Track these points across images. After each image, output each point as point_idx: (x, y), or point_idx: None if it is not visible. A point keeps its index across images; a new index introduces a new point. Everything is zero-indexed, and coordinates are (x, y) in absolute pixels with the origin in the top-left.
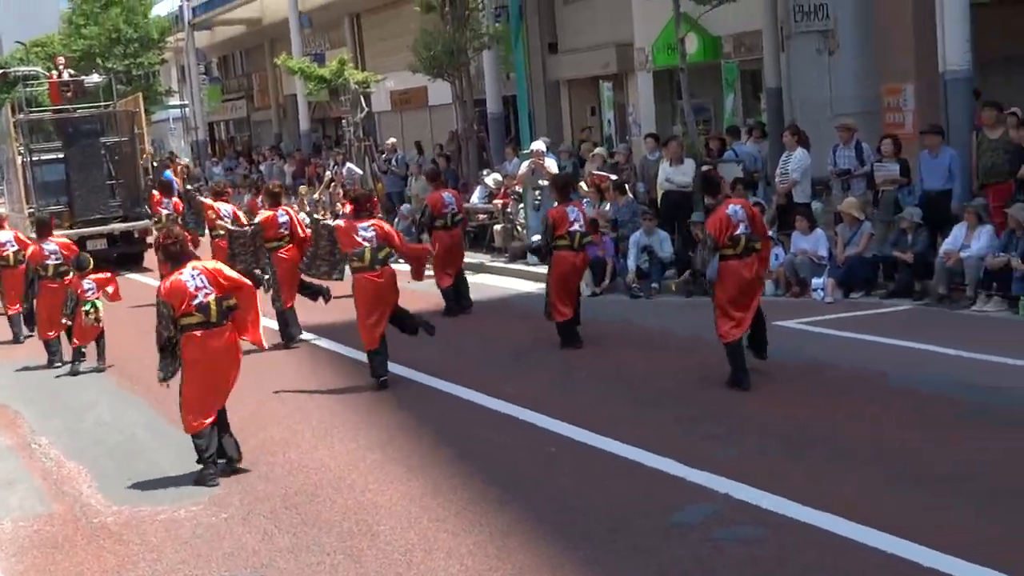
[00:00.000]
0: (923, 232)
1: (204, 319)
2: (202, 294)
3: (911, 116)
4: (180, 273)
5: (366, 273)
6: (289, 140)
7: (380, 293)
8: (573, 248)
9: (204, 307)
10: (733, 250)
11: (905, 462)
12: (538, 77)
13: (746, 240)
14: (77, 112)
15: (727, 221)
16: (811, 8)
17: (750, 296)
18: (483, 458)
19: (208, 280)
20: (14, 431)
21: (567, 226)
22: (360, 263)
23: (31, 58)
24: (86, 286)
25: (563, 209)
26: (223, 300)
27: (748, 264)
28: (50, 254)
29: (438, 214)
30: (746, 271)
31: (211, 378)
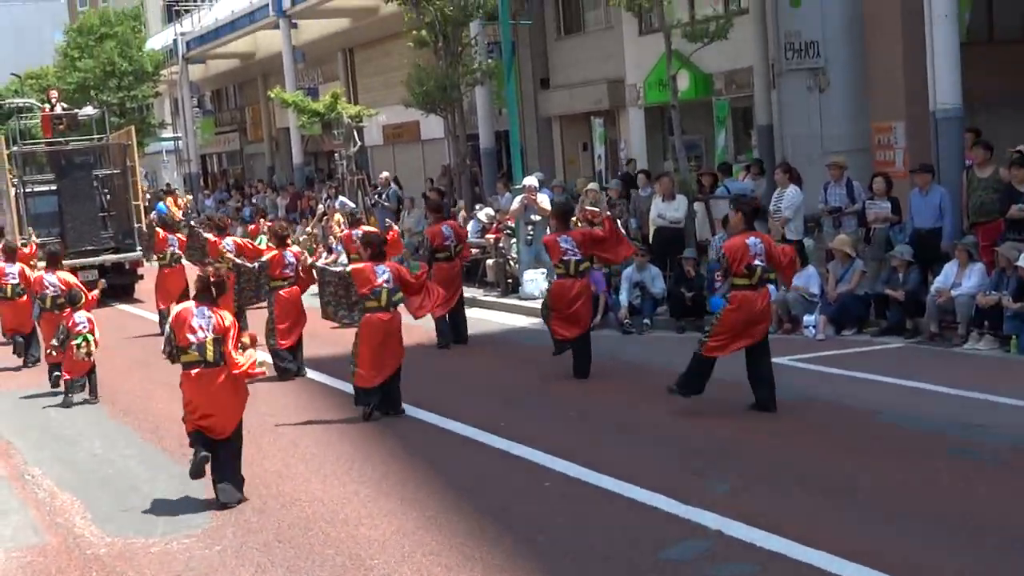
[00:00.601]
0: (914, 270)
1: (200, 358)
2: (200, 334)
3: (901, 154)
4: (196, 306)
5: (378, 314)
6: (282, 173)
7: (389, 333)
8: (571, 275)
9: (200, 347)
10: (748, 280)
11: (896, 499)
12: (530, 112)
13: (761, 271)
14: (70, 145)
15: (745, 250)
16: (802, 46)
17: (755, 326)
18: (477, 493)
19: (214, 325)
20: (7, 461)
21: (561, 255)
22: (376, 303)
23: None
24: (78, 320)
25: (554, 238)
26: (220, 342)
27: (761, 296)
28: (49, 285)
29: (439, 247)
30: (759, 301)
31: (204, 416)
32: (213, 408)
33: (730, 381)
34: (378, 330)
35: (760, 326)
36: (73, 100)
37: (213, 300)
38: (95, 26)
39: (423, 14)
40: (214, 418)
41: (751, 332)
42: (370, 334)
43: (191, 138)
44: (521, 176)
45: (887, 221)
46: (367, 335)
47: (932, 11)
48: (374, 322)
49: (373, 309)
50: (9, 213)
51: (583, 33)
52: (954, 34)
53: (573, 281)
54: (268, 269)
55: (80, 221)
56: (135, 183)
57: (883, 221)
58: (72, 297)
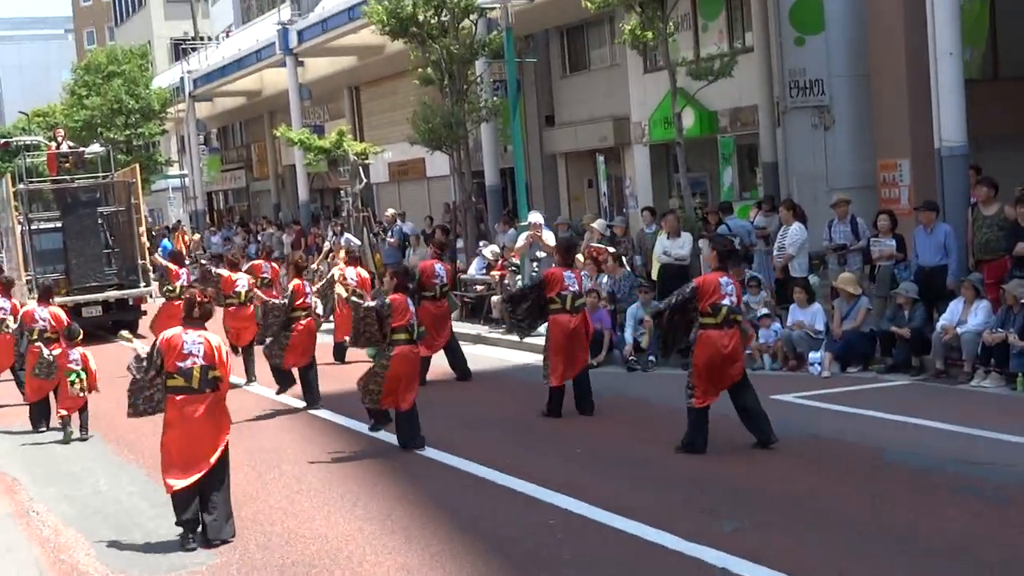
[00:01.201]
0: (920, 307)
1: (186, 384)
2: (190, 360)
3: (907, 191)
4: (185, 332)
5: (411, 347)
6: (288, 210)
7: (414, 368)
8: (567, 310)
9: (187, 372)
10: (713, 319)
11: (901, 537)
12: (535, 150)
13: (727, 311)
14: (75, 182)
15: (717, 287)
16: (807, 84)
17: (729, 366)
18: (482, 530)
19: (204, 350)
20: (12, 498)
21: (559, 288)
22: (407, 336)
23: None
24: (72, 356)
25: (559, 272)
26: (208, 369)
27: (728, 335)
28: (40, 319)
29: (427, 283)
30: (725, 341)
31: (187, 443)
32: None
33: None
34: (413, 361)
35: (735, 366)
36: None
37: (202, 324)
38: (103, 64)
39: (429, 52)
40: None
41: (727, 373)
42: (406, 366)
43: (197, 175)
44: (526, 213)
45: (892, 258)
46: (403, 367)
47: (937, 48)
48: (409, 354)
49: (406, 342)
50: (15, 249)
51: (588, 71)
52: (959, 71)
53: (570, 317)
54: (294, 300)
55: (84, 258)
56: (139, 220)
57: (888, 258)
58: (70, 332)
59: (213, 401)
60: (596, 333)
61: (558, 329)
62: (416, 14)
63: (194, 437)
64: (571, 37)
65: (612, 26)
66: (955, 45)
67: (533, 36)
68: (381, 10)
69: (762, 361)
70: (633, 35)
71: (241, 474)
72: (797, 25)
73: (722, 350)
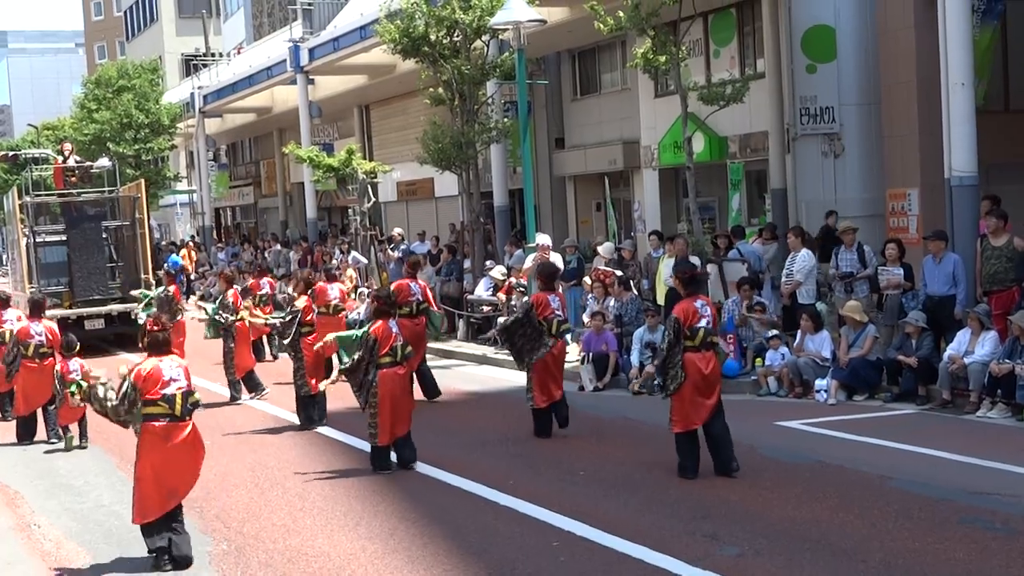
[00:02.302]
0: (927, 336)
1: (168, 410)
2: (174, 385)
3: (915, 220)
4: (160, 360)
5: (395, 368)
6: (295, 227)
7: (404, 386)
8: (552, 335)
9: (170, 399)
10: (691, 342)
11: (906, 566)
12: (544, 172)
13: (704, 333)
14: (81, 196)
15: (694, 312)
16: (818, 111)
17: (708, 391)
18: (485, 551)
19: (183, 373)
20: (14, 511)
21: (547, 313)
22: (392, 359)
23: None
24: (71, 367)
25: (544, 297)
26: (188, 395)
27: (706, 358)
28: (35, 335)
29: (403, 301)
30: (703, 364)
31: (168, 472)
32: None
33: (740, 442)
34: (396, 384)
35: (715, 388)
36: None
37: (167, 350)
38: (113, 78)
39: (440, 72)
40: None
41: (707, 395)
42: (390, 389)
43: (205, 191)
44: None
45: (899, 287)
46: (387, 391)
47: (949, 79)
48: (392, 377)
49: (390, 364)
50: (20, 261)
51: (599, 94)
52: (970, 102)
53: (556, 340)
54: (301, 316)
55: (88, 271)
56: (143, 235)
57: (895, 287)
58: (68, 344)
59: (192, 427)
60: (602, 356)
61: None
62: (428, 34)
63: (175, 464)
64: (582, 60)
65: (624, 50)
66: (967, 76)
67: (544, 58)
68: (393, 29)
69: (768, 386)
70: (645, 59)
71: (244, 491)
72: (809, 52)
73: (702, 371)
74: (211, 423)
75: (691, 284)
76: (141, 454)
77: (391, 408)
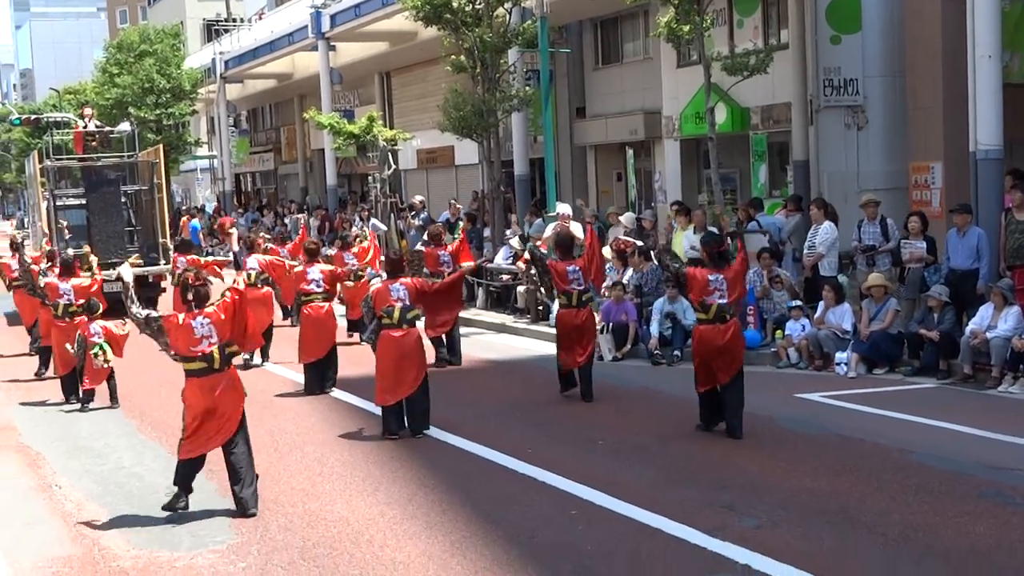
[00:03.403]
0: (950, 311)
1: (207, 366)
2: (206, 343)
3: (938, 194)
4: (192, 318)
5: (391, 330)
6: (315, 194)
7: (402, 350)
8: (573, 306)
9: (208, 357)
10: (705, 315)
11: (925, 539)
12: (565, 141)
13: (718, 309)
14: (100, 161)
15: (705, 284)
16: (841, 83)
17: (723, 359)
18: (503, 518)
19: (216, 330)
20: (36, 472)
21: (565, 284)
22: (388, 320)
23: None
24: (93, 329)
25: (563, 267)
26: (226, 347)
27: (720, 331)
28: (64, 293)
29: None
30: (718, 337)
31: (208, 420)
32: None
33: (759, 414)
34: (390, 346)
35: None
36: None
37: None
38: (135, 43)
39: (462, 40)
40: (217, 421)
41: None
42: (385, 351)
43: (226, 157)
44: (555, 204)
45: (922, 261)
46: (383, 353)
47: (976, 51)
48: (387, 339)
49: (387, 326)
50: (40, 225)
51: (621, 64)
52: (997, 74)
53: (576, 311)
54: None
55: (107, 234)
56: (161, 200)
57: (918, 261)
58: (90, 306)
59: (232, 374)
60: (621, 326)
61: (564, 324)
62: (450, 1)
63: (218, 412)
64: (605, 29)
65: (646, 19)
66: (994, 48)
67: (567, 27)
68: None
69: (788, 358)
70: (669, 28)
71: (263, 455)
72: (834, 23)
73: (716, 343)
74: None
75: (717, 259)
76: (187, 404)
77: (387, 370)
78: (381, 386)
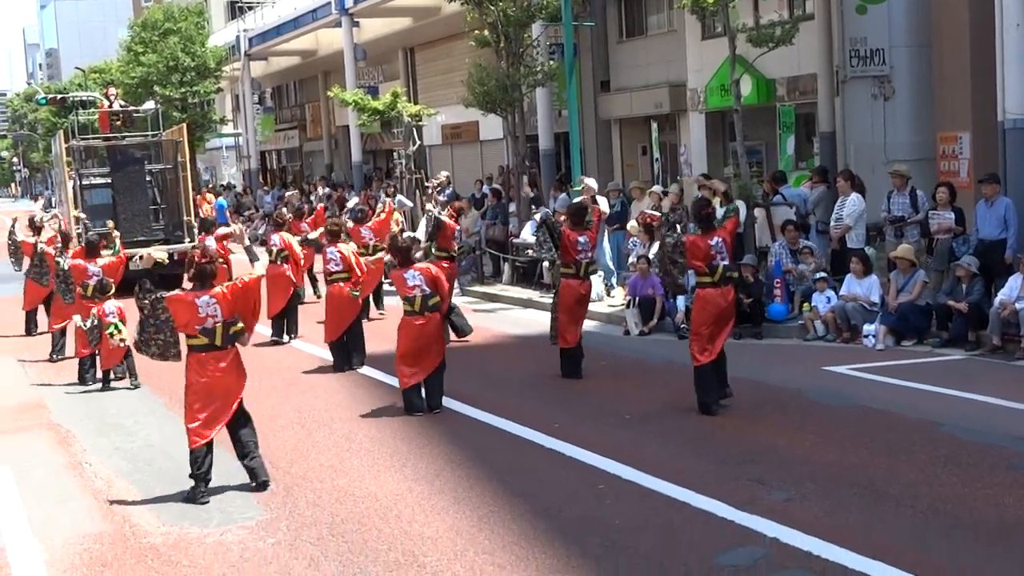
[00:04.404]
0: (978, 281)
1: (209, 342)
2: (210, 321)
3: (966, 164)
4: (197, 297)
5: (413, 318)
6: (340, 171)
7: (423, 335)
8: (579, 276)
9: (209, 331)
10: (711, 278)
11: (954, 511)
12: (590, 115)
13: (723, 270)
14: (125, 140)
15: (708, 249)
16: (867, 53)
17: (724, 323)
18: (531, 493)
19: (221, 308)
20: (66, 450)
21: (574, 254)
22: (410, 308)
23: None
24: (107, 309)
25: (575, 236)
26: (230, 325)
27: (724, 292)
28: (92, 275)
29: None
30: (722, 299)
31: (211, 398)
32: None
33: (787, 387)
34: (411, 331)
35: (729, 323)
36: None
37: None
38: (159, 21)
39: (486, 14)
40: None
41: (723, 329)
42: (405, 335)
43: (251, 134)
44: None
45: (950, 232)
46: (403, 337)
47: (1004, 19)
48: (407, 324)
49: (408, 313)
50: (66, 204)
51: (645, 36)
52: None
53: (581, 281)
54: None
55: (132, 213)
56: (185, 178)
57: (946, 231)
58: (103, 287)
59: (235, 354)
60: (648, 300)
61: (569, 293)
62: None
63: (219, 392)
64: (629, 2)
65: None
66: (1022, 16)
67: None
68: None
69: (815, 330)
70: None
71: (291, 432)
72: None
73: (720, 304)
74: (258, 364)
75: (707, 221)
76: (187, 381)
77: (409, 354)
78: (402, 370)
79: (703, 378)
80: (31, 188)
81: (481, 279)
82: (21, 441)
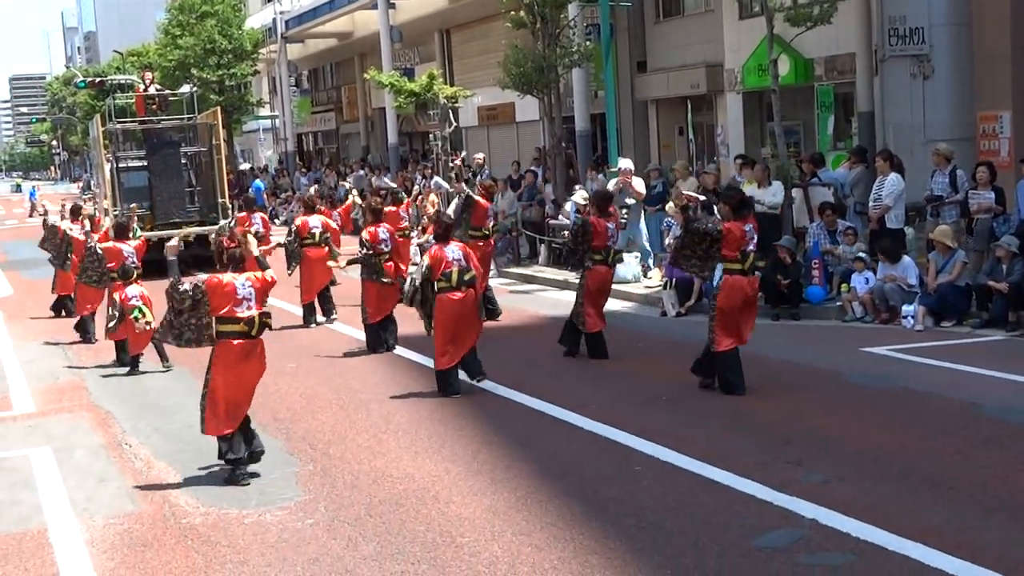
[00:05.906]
0: (1019, 261)
1: (247, 330)
2: (245, 305)
3: (1007, 144)
4: (235, 277)
5: (450, 293)
6: (376, 153)
7: (461, 312)
8: (607, 263)
9: (250, 321)
10: (741, 265)
11: (994, 493)
12: (626, 96)
13: (753, 257)
14: (161, 123)
15: (743, 235)
16: (906, 32)
17: (750, 311)
18: (568, 473)
19: (256, 294)
20: (106, 431)
21: (604, 241)
22: (446, 284)
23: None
24: (130, 293)
25: (604, 223)
26: (265, 317)
27: (751, 281)
28: (128, 256)
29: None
30: (748, 287)
31: (239, 387)
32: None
33: (825, 369)
34: (448, 309)
35: (753, 309)
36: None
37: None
38: (196, 4)
39: None
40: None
41: (749, 315)
42: (442, 314)
43: (288, 117)
44: (616, 159)
45: (990, 211)
46: (440, 316)
47: None
48: (445, 302)
49: (444, 289)
50: (104, 186)
51: (682, 16)
52: None
53: (608, 268)
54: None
55: (168, 195)
56: (220, 161)
57: (986, 211)
58: (124, 271)
59: (261, 343)
60: (685, 281)
61: (598, 279)
62: None
63: (245, 381)
64: None
65: None
66: None
67: None
68: None
69: (853, 311)
70: None
71: (329, 413)
72: None
73: (746, 292)
74: (295, 345)
75: (741, 208)
76: (216, 369)
77: (448, 333)
78: (441, 349)
79: (728, 361)
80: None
81: (518, 260)
82: (61, 422)
